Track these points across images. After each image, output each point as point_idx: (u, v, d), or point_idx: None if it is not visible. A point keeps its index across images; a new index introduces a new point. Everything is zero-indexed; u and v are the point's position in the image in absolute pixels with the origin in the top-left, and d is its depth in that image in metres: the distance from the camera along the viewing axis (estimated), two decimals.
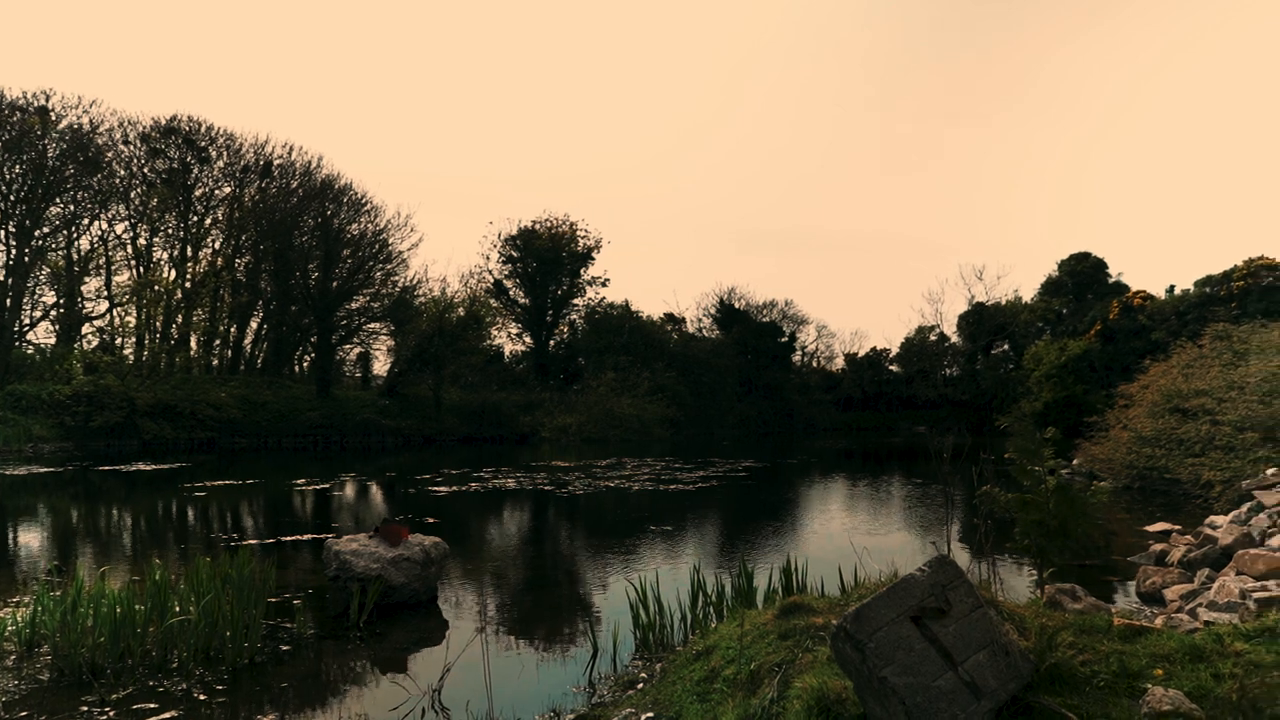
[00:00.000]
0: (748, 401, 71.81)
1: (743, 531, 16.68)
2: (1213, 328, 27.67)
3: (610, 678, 7.32)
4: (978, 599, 4.32)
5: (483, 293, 66.42)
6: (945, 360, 79.61)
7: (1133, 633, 5.23)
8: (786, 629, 6.01)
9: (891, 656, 3.98)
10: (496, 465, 32.07)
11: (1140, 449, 22.13)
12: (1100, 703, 4.24)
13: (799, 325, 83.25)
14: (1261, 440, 17.45)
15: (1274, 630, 5.03)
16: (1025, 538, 9.38)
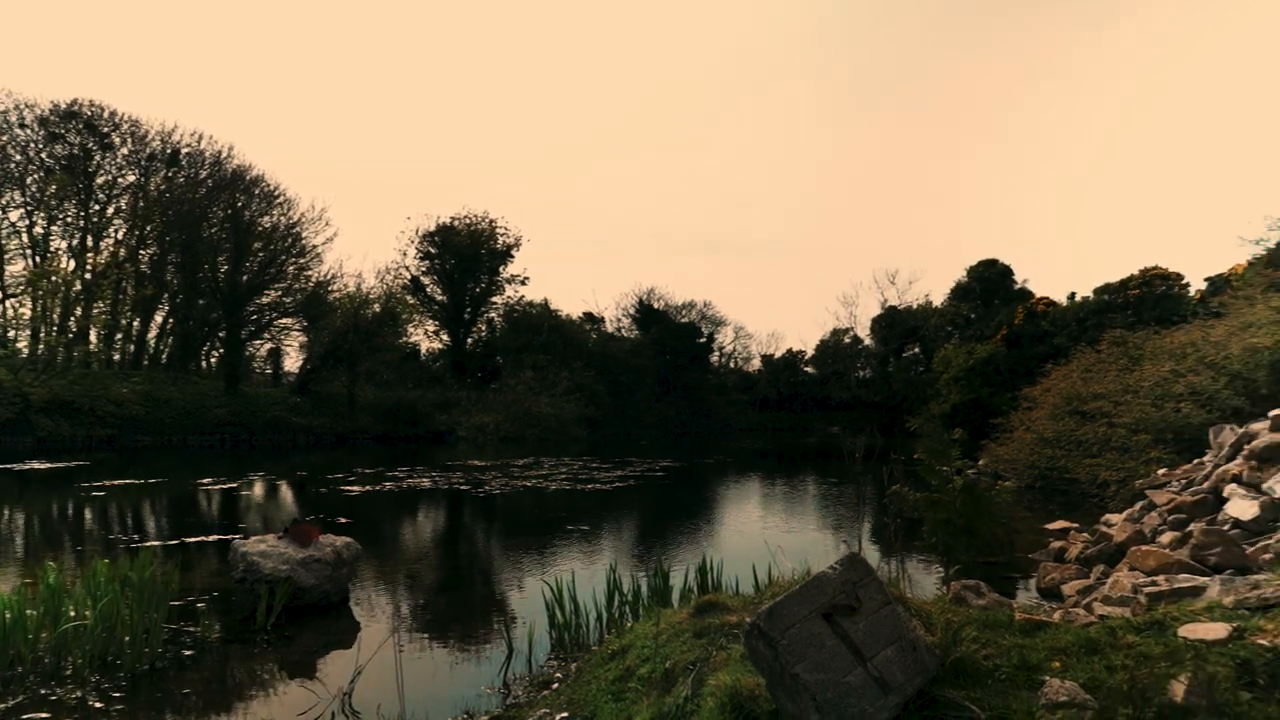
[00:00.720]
0: (666, 401, 72.20)
1: (660, 531, 16.76)
2: (1110, 334, 28.81)
3: (525, 678, 7.29)
4: (887, 596, 4.42)
5: (399, 289, 65.36)
6: (859, 362, 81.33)
7: (1033, 627, 5.42)
8: (701, 627, 6.07)
9: (803, 653, 4.04)
10: (412, 464, 31.59)
11: (1042, 450, 22.89)
12: (1001, 695, 4.38)
13: (717, 326, 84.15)
14: (1153, 442, 18.24)
15: (1162, 623, 5.27)
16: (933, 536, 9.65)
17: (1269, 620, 5.10)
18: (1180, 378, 19.91)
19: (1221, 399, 17.95)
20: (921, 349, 73.66)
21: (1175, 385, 19.69)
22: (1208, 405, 18.10)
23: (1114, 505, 16.11)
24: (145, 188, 55.93)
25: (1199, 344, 21.57)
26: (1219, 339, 20.98)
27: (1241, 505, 10.29)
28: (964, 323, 68.40)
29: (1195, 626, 5.11)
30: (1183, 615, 5.39)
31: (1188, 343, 22.52)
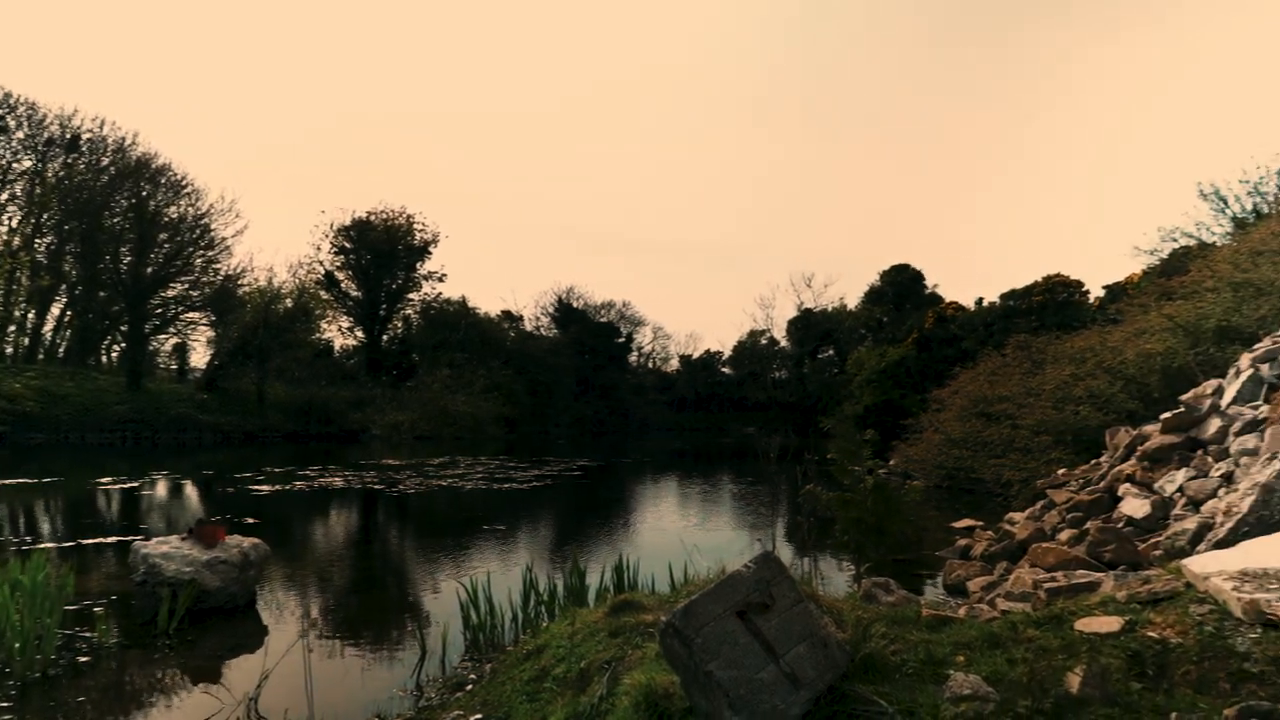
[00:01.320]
0: (584, 401, 72.14)
1: (576, 530, 16.74)
2: (1015, 338, 29.76)
3: (438, 680, 7.20)
4: (799, 594, 4.50)
5: (313, 284, 63.85)
6: (775, 364, 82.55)
7: (939, 622, 5.57)
8: (617, 626, 6.08)
9: (717, 651, 4.08)
10: (324, 463, 30.92)
11: (950, 450, 23.50)
12: (909, 689, 4.50)
13: (636, 326, 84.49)
14: (1054, 443, 18.93)
15: (1060, 617, 5.47)
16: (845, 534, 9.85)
17: (1158, 614, 5.33)
18: (1079, 381, 20.68)
19: (1117, 402, 18.72)
20: (836, 351, 75.10)
21: (1075, 388, 20.44)
22: (1104, 408, 18.85)
23: (1017, 504, 16.59)
24: (42, 174, 53.45)
25: (1097, 349, 22.47)
26: (1115, 344, 21.89)
27: (1134, 504, 10.74)
28: (877, 326, 69.93)
29: (1090, 620, 5.32)
30: (1079, 610, 5.61)
31: (1087, 348, 23.43)
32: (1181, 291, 23.01)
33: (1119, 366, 19.96)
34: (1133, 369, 19.36)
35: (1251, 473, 7.85)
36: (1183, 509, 9.93)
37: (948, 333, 53.28)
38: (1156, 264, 37.24)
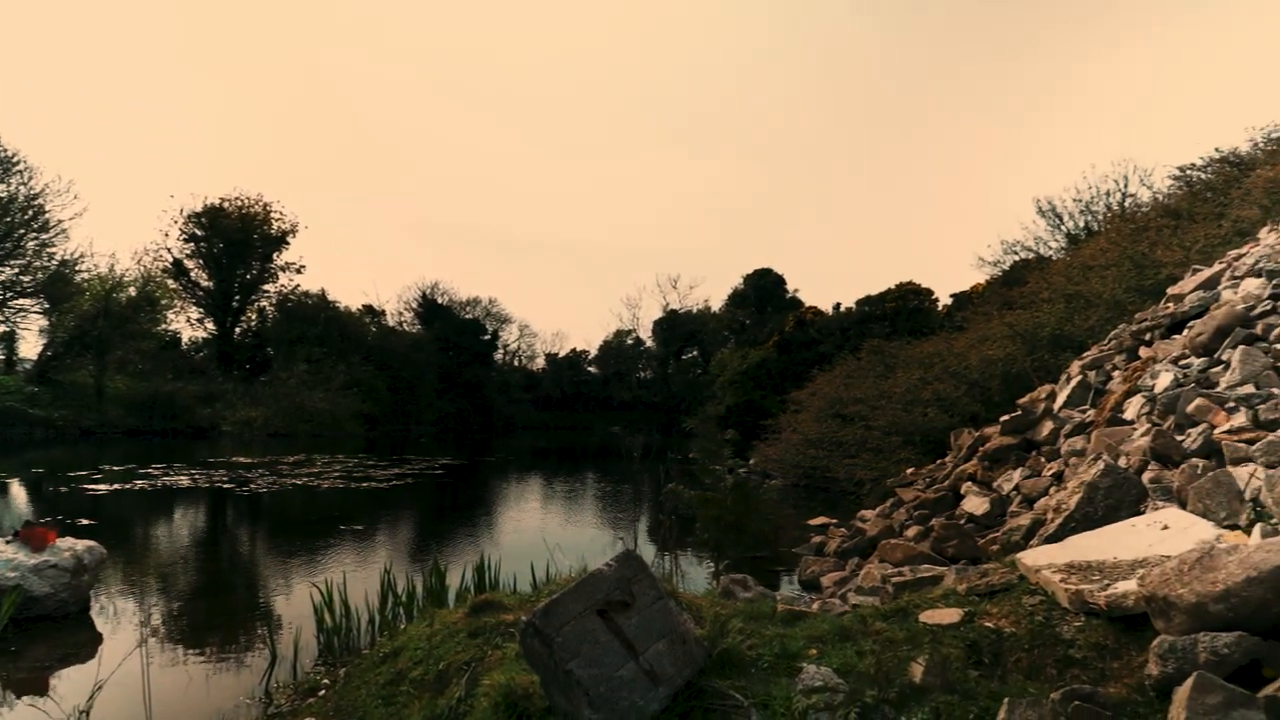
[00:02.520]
0: (447, 398, 70.95)
1: (437, 530, 16.46)
2: (869, 343, 30.96)
3: (290, 686, 6.95)
4: (660, 591, 4.55)
5: (159, 272, 60.54)
6: (640, 363, 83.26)
7: (793, 617, 5.75)
8: (477, 627, 6.02)
9: (578, 649, 4.10)
10: (168, 461, 29.36)
11: (807, 450, 24.19)
12: (764, 683, 4.62)
13: (502, 324, 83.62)
14: (904, 443, 19.78)
15: (906, 610, 5.73)
16: (705, 532, 10.03)
17: (995, 605, 5.65)
18: (928, 385, 21.68)
19: (962, 405, 19.72)
20: (700, 352, 76.38)
21: (923, 392, 21.42)
22: (950, 410, 19.83)
23: (868, 502, 17.19)
24: None
25: (944, 354, 23.62)
26: (961, 350, 23.06)
27: (975, 501, 11.34)
28: (740, 328, 71.47)
29: (933, 613, 5.59)
30: (923, 602, 5.89)
31: (935, 353, 24.59)
32: (1021, 301, 24.43)
33: (964, 371, 21.01)
34: (976, 374, 20.43)
35: (1079, 472, 8.41)
36: (1018, 506, 10.55)
37: (807, 336, 54.85)
38: (999, 275, 39.48)
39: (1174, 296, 13.60)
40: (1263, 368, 8.74)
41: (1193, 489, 6.50)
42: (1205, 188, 25.03)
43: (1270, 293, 10.34)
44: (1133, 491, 7.53)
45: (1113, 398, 10.97)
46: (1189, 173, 27.41)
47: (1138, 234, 23.40)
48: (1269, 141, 24.72)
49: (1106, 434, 9.79)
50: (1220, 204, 21.73)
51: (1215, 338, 10.11)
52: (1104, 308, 19.32)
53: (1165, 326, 12.20)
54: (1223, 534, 5.65)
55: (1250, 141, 25.80)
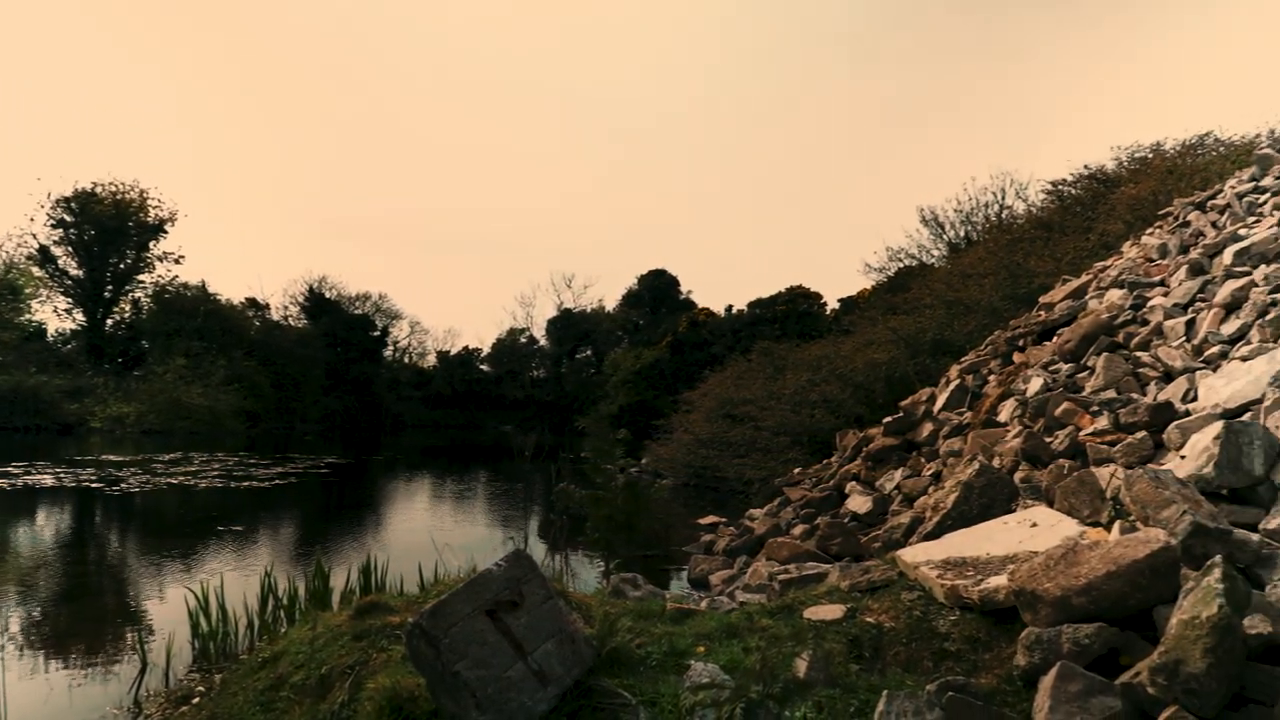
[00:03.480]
0: (334, 395, 69.16)
1: (322, 530, 16.02)
2: (760, 344, 31.52)
3: (161, 694, 6.66)
4: (549, 591, 4.54)
5: (23, 259, 57.19)
6: (534, 362, 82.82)
7: (682, 615, 5.82)
8: (362, 629, 5.88)
9: (465, 651, 4.05)
10: (31, 459, 27.74)
11: (698, 450, 24.43)
12: (652, 681, 4.66)
13: (392, 320, 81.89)
14: (792, 443, 20.22)
15: (791, 607, 5.86)
16: (596, 531, 10.05)
17: (876, 601, 5.84)
18: (815, 387, 22.21)
19: (847, 406, 20.29)
20: (594, 351, 76.45)
21: (811, 393, 21.94)
22: (836, 411, 20.37)
23: (757, 501, 17.45)
24: None
25: (831, 357, 24.26)
26: (847, 353, 23.73)
27: (859, 500, 11.68)
28: (634, 328, 71.87)
29: (817, 609, 5.74)
30: (808, 599, 6.03)
31: (822, 355, 25.23)
32: (904, 307, 25.28)
33: (849, 374, 21.62)
34: (861, 376, 21.04)
35: (956, 472, 8.75)
36: (899, 505, 10.91)
37: (700, 337, 55.53)
38: (884, 281, 40.76)
39: (1045, 305, 14.29)
40: (1123, 374, 9.26)
41: (1059, 488, 6.84)
42: (1075, 202, 26.41)
43: (1131, 303, 10.96)
44: (1005, 490, 7.88)
45: (988, 401, 11.45)
46: (1060, 188, 28.88)
47: (1013, 245, 24.52)
48: (1132, 160, 26.25)
49: (982, 435, 10.22)
50: (1088, 218, 22.95)
51: (1082, 345, 10.67)
52: (981, 314, 20.18)
53: (1037, 333, 12.80)
54: (1086, 531, 5.97)
55: (1115, 160, 27.37)
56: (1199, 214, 13.37)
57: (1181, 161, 22.85)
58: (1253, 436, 5.59)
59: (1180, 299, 10.11)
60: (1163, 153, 24.89)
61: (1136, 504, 5.35)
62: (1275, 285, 8.43)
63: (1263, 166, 13.03)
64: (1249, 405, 6.76)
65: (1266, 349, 7.43)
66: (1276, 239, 9.54)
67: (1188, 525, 4.88)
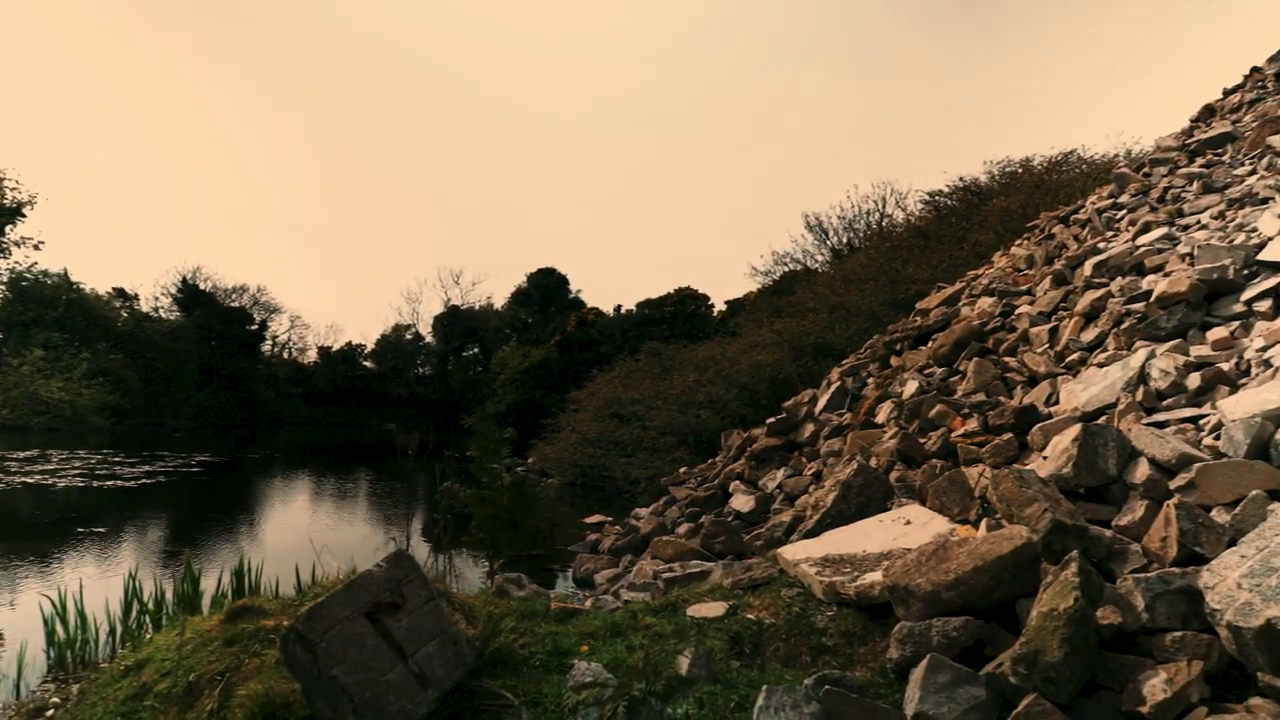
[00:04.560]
0: (208, 391, 66.42)
1: (193, 532, 15.36)
2: (648, 345, 31.77)
3: (12, 707, 6.27)
4: (431, 592, 4.48)
5: None
6: (419, 359, 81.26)
7: (566, 615, 5.81)
8: (234, 634, 5.67)
9: (343, 654, 3.95)
10: None
11: (585, 449, 24.43)
12: (535, 680, 4.64)
13: (271, 314, 79.19)
14: (678, 443, 20.43)
15: (675, 605, 5.93)
16: (480, 531, 9.93)
17: (757, 598, 5.95)
18: (702, 387, 22.50)
19: (733, 407, 20.62)
20: (481, 349, 75.51)
21: (698, 394, 22.21)
22: (722, 412, 20.68)
23: (643, 500, 17.56)
24: None
25: (718, 358, 24.62)
26: (733, 355, 24.13)
27: (742, 499, 11.88)
28: (522, 326, 71.30)
29: (700, 606, 5.82)
30: (691, 597, 6.11)
31: (709, 357, 25.58)
32: (789, 310, 25.89)
33: (735, 375, 21.98)
34: (746, 377, 21.42)
35: (836, 472, 8.99)
36: (781, 504, 11.15)
37: (588, 336, 55.52)
38: (770, 284, 41.60)
39: (921, 311, 14.84)
40: (992, 377, 9.69)
41: (932, 487, 7.11)
42: (950, 213, 27.51)
43: (1000, 311, 11.49)
44: (882, 490, 8.15)
45: (867, 403, 11.82)
46: (937, 198, 30.04)
47: (892, 252, 25.41)
48: (1003, 174, 27.51)
49: (860, 436, 10.54)
50: (962, 228, 23.95)
51: (954, 350, 11.12)
52: (862, 318, 20.83)
53: (913, 338, 13.27)
54: (956, 528, 6.22)
55: (987, 173, 28.63)
56: (1063, 227, 14.11)
57: (1048, 177, 24.10)
58: (1108, 439, 5.93)
59: (1045, 307, 10.64)
60: (1031, 168, 26.18)
61: (1002, 502, 5.61)
62: (1130, 296, 8.96)
63: (1120, 184, 13.84)
64: (1105, 409, 7.17)
65: (1121, 356, 7.89)
66: (1131, 253, 10.15)
67: (1048, 523, 5.15)
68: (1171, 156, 13.80)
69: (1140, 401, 6.88)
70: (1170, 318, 8.06)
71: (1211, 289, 8.05)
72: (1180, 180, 12.34)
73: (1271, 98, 14.14)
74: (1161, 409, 6.70)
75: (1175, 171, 13.01)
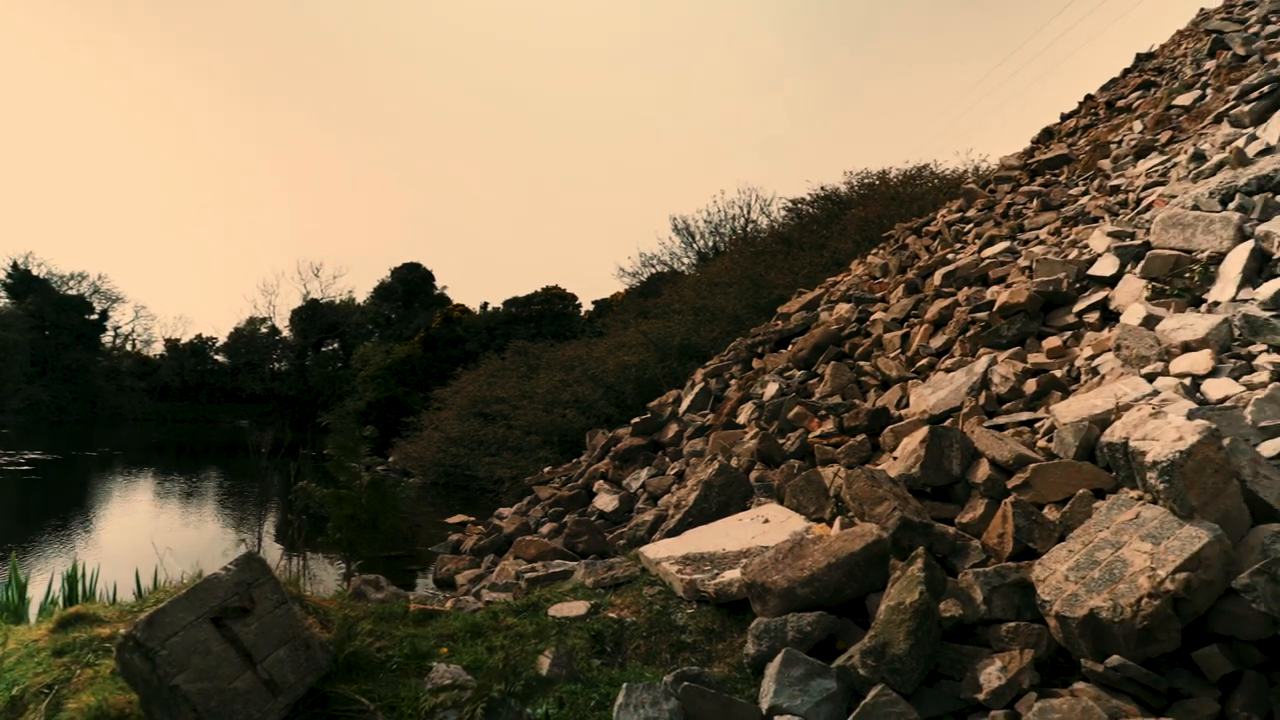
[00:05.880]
0: (41, 384, 62.08)
1: (20, 534, 14.35)
2: (514, 343, 31.54)
3: None
4: (283, 595, 4.32)
5: None
6: (275, 354, 78.19)
7: (426, 616, 5.70)
8: (64, 644, 5.32)
9: (186, 662, 3.77)
10: None
11: (448, 448, 24.08)
12: (392, 684, 4.54)
13: (113, 303, 74.70)
14: (543, 443, 20.36)
15: (537, 605, 5.91)
16: (337, 532, 9.64)
17: (619, 596, 5.99)
18: (568, 387, 22.50)
19: (598, 407, 20.70)
20: (341, 345, 73.23)
21: (564, 393, 22.20)
22: (588, 412, 20.73)
23: (507, 500, 17.42)
24: None
25: (584, 358, 24.66)
26: (600, 355, 24.22)
27: (606, 499, 11.95)
28: (385, 322, 69.58)
29: (562, 606, 5.81)
30: (553, 596, 6.10)
31: (576, 357, 25.60)
32: (655, 311, 26.19)
33: (602, 375, 22.07)
34: (612, 378, 21.54)
35: (698, 471, 9.15)
36: (644, 503, 11.27)
37: (454, 334, 54.62)
38: (637, 285, 41.98)
39: (783, 315, 15.27)
40: (848, 381, 10.06)
41: (789, 486, 7.32)
42: (811, 220, 28.42)
43: (857, 316, 11.93)
44: (742, 489, 8.33)
45: (729, 404, 12.06)
46: (799, 206, 30.99)
47: (756, 257, 26.04)
48: (861, 185, 28.62)
49: (722, 436, 10.75)
50: (823, 236, 24.77)
51: (813, 353, 11.49)
52: (726, 321, 21.26)
53: (774, 341, 13.63)
54: (812, 526, 6.43)
55: (847, 183, 29.73)
56: (915, 238, 14.79)
57: (903, 190, 25.21)
58: (953, 440, 6.24)
59: (898, 314, 11.12)
60: (888, 180, 27.33)
61: (855, 501, 5.83)
62: (975, 305, 9.45)
63: (969, 200, 14.61)
64: (951, 412, 7.55)
65: (966, 362, 8.32)
66: (977, 265, 10.71)
67: (897, 521, 5.38)
68: (1014, 175, 14.66)
69: (982, 405, 7.27)
70: (1010, 326, 8.55)
71: (1047, 300, 8.58)
72: (1022, 198, 13.12)
73: (1103, 124, 15.20)
74: (1001, 413, 7.11)
75: (1017, 189, 13.82)
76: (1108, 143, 13.32)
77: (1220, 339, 6.16)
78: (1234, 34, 13.64)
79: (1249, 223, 7.37)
